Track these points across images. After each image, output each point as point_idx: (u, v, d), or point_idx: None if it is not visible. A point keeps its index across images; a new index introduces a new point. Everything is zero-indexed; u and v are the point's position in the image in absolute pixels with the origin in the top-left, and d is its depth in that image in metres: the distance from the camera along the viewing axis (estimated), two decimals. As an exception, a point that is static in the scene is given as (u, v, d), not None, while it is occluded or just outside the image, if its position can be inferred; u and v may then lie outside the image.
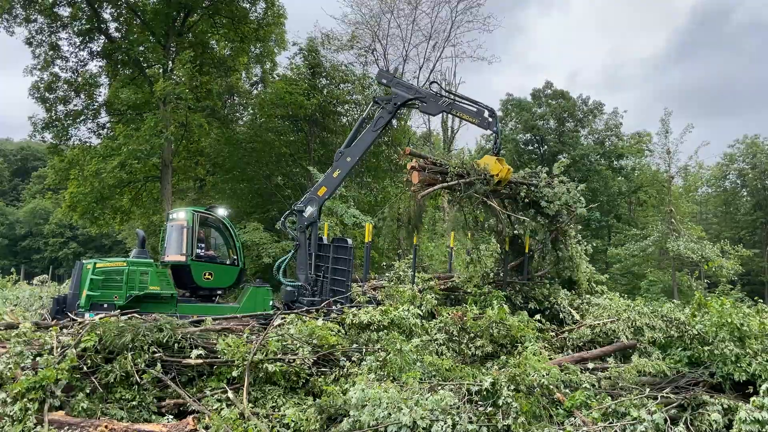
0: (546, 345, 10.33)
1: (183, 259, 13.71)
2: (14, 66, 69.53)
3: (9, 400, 6.72)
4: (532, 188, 13.10)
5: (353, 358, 8.46)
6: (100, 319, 8.29)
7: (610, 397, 7.74)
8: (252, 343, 8.22)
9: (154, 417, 7.23)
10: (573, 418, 7.09)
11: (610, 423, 6.92)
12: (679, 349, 9.61)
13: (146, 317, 8.64)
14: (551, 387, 7.43)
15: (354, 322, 9.63)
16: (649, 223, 40.57)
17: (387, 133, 32.09)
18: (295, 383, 7.96)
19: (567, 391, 7.74)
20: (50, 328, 8.32)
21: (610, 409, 7.29)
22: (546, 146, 48.07)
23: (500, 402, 6.88)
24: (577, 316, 11.92)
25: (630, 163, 47.63)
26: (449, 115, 42.56)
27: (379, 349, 8.60)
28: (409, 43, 37.63)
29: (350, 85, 31.73)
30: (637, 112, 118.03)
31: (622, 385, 8.38)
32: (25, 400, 6.71)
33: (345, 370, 8.13)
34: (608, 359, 9.81)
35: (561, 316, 12.23)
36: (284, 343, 8.32)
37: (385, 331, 9.31)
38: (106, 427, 6.51)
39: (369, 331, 9.40)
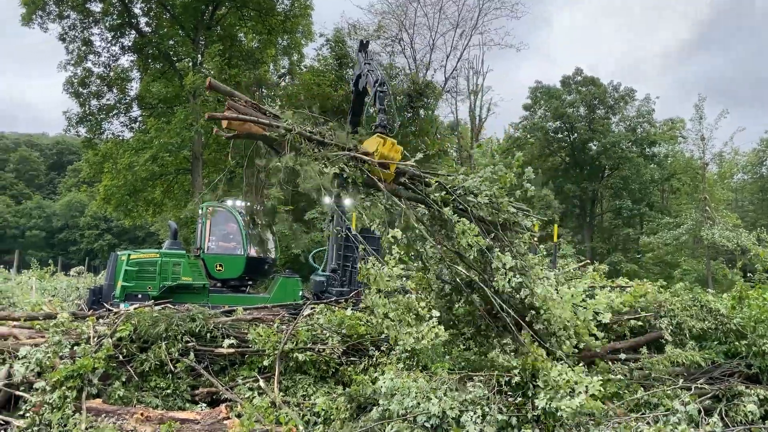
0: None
1: (198, 252, 14.05)
2: (50, 62, 71.14)
3: (48, 388, 6.92)
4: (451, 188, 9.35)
5: (382, 348, 8.50)
6: (135, 309, 8.47)
7: (642, 388, 7.65)
8: (282, 332, 8.31)
9: (187, 405, 7.37)
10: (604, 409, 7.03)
11: (642, 414, 6.85)
12: (716, 342, 9.41)
13: (179, 307, 8.79)
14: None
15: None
16: (683, 211, 39.77)
17: (414, 122, 32.00)
18: (325, 372, 8.04)
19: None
20: (87, 318, 8.52)
21: (642, 400, 7.21)
22: (576, 134, 47.39)
23: (530, 393, 6.85)
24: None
25: (663, 150, 46.71)
26: (477, 104, 42.25)
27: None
28: (436, 32, 37.46)
29: (377, 75, 31.69)
30: (661, 102, 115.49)
31: (654, 375, 8.27)
32: (63, 388, 6.90)
33: (374, 359, 8.17)
34: (641, 350, 9.67)
35: None
36: (314, 333, 8.40)
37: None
38: (141, 414, 6.66)
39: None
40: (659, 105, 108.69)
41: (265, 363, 7.93)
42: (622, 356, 8.91)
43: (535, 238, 9.68)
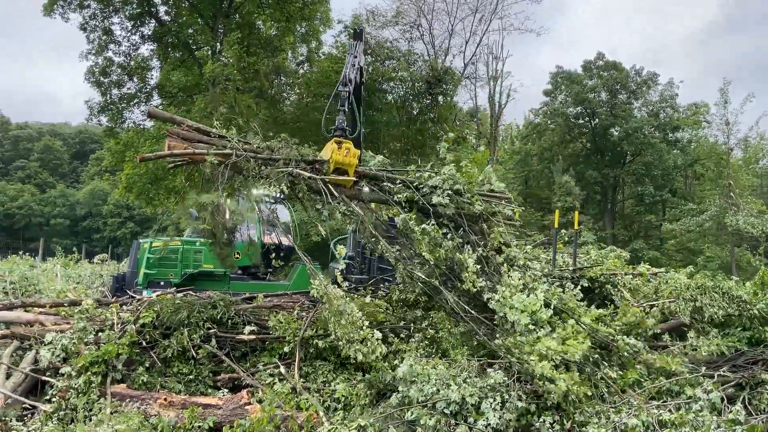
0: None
1: None
2: (72, 53, 72.04)
3: (74, 373, 7.06)
4: (417, 186, 8.94)
5: (401, 335, 8.52)
6: (157, 296, 8.59)
7: (663, 376, 7.58)
8: (302, 319, 8.37)
9: (210, 390, 7.48)
10: (625, 397, 6.99)
11: (664, 402, 6.79)
12: (739, 329, 9.30)
13: (201, 294, 8.89)
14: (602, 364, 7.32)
15: (401, 299, 9.64)
16: (707, 197, 39.20)
17: (433, 109, 31.84)
18: (344, 359, 8.09)
19: (617, 368, 7.62)
20: (111, 305, 8.66)
21: (664, 388, 7.15)
22: (597, 120, 46.78)
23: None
24: (628, 295, 11.59)
25: (686, 135, 45.96)
26: (497, 90, 41.88)
27: (427, 326, 8.62)
28: (455, 17, 37.13)
29: (395, 61, 31.53)
30: (685, 86, 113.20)
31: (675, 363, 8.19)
32: (89, 373, 7.03)
33: (393, 346, 8.20)
34: (663, 337, 9.58)
35: (611, 296, 11.83)
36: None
37: (434, 311, 9.31)
38: (165, 399, 6.77)
39: (416, 309, 9.41)
40: (683, 89, 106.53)
41: (286, 349, 8.00)
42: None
43: (518, 225, 9.58)
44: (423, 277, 8.11)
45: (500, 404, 6.34)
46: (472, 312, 7.72)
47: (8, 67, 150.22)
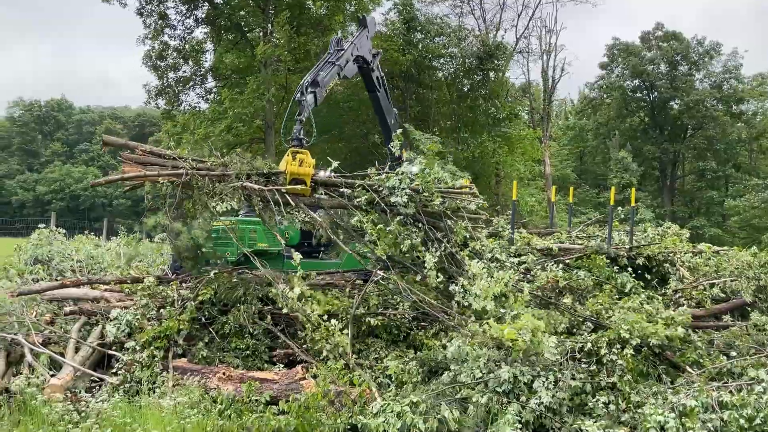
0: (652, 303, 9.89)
1: None
2: (130, 37, 73.93)
3: (138, 347, 7.38)
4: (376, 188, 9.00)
5: (451, 314, 8.52)
6: (215, 274, 8.82)
7: (724, 356, 7.37)
8: (354, 297, 8.48)
9: (266, 366, 7.69)
10: (684, 377, 6.84)
11: (725, 383, 6.61)
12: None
13: (256, 272, 9.08)
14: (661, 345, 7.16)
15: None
16: (773, 172, 37.50)
17: (484, 85, 31.36)
18: (396, 336, 8.17)
19: (676, 349, 7.45)
20: (171, 283, 8.96)
21: (725, 369, 6.96)
22: (656, 93, 45.22)
23: (605, 360, 6.74)
24: (687, 274, 11.25)
25: (751, 107, 43.98)
26: (550, 64, 40.86)
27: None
28: (506, -10, 36.24)
29: (445, 38, 31.11)
30: (750, 56, 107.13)
31: (738, 344, 7.93)
32: (152, 347, 7.34)
33: (444, 325, 8.23)
34: (724, 317, 9.29)
35: (668, 276, 11.47)
36: (384, 299, 8.53)
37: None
38: (223, 373, 7.01)
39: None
40: (748, 59, 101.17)
41: (339, 326, 8.13)
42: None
43: (483, 217, 10.06)
44: (396, 278, 8.48)
45: (553, 383, 6.31)
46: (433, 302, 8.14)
47: (71, 52, 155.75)
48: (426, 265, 8.14)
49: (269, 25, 29.56)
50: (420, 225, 8.79)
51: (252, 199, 8.74)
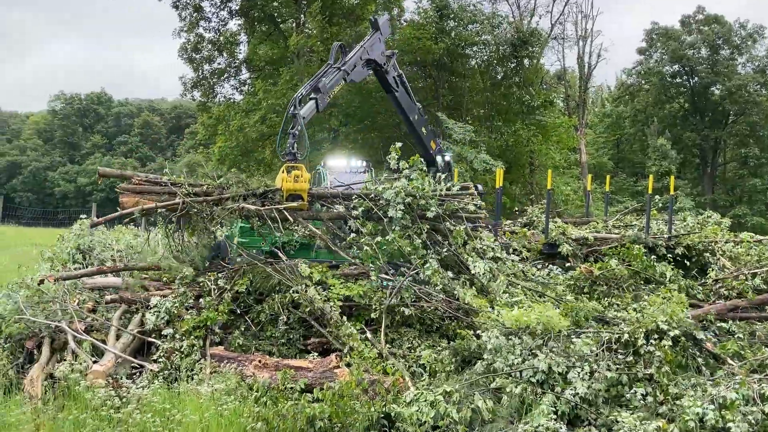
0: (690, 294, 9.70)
1: None
2: (165, 31, 75.18)
3: (177, 336, 7.55)
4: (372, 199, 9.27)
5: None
6: (249, 264, 8.93)
7: (767, 348, 7.19)
8: (387, 288, 8.51)
9: (300, 354, 7.79)
10: (724, 369, 6.70)
11: (766, 375, 6.45)
12: None
13: (290, 262, 9.17)
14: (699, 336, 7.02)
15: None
16: (820, 159, 36.24)
17: (518, 72, 30.94)
18: (429, 327, 8.19)
19: (715, 340, 7.30)
20: (208, 273, 9.11)
21: (767, 361, 6.79)
22: (696, 78, 43.99)
23: (642, 351, 6.63)
24: (727, 264, 10.98)
25: (797, 92, 42.50)
26: (586, 51, 40.09)
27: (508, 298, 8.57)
28: (541, -25, 35.62)
29: (478, 25, 30.73)
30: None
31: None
32: (192, 337, 7.50)
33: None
34: (767, 308, 9.07)
35: (708, 266, 11.17)
36: (417, 289, 8.55)
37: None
38: (259, 361, 7.12)
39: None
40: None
41: (372, 315, 8.19)
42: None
43: (484, 217, 10.22)
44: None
45: (588, 374, 6.24)
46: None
47: (108, 45, 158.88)
48: (427, 270, 8.39)
49: (302, 15, 29.68)
50: (419, 230, 9.02)
51: (251, 220, 9.17)
